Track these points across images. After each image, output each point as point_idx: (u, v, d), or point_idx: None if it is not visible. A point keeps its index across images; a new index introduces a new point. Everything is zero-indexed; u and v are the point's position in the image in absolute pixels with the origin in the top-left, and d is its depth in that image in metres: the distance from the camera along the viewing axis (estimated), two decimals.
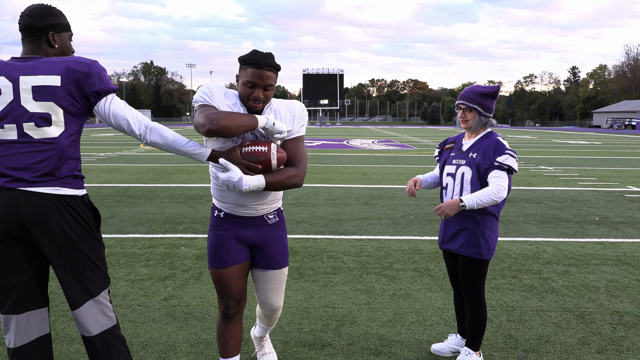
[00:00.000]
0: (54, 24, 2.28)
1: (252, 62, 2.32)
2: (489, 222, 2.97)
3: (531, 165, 15.38)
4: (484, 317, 3.04)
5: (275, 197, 2.59)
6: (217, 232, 2.58)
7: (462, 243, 2.99)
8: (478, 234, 2.95)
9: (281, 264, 2.69)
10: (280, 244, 2.67)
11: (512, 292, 4.36)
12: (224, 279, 2.57)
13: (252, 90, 2.34)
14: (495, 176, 2.87)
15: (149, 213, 7.61)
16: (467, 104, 2.98)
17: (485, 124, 3.02)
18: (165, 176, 12.09)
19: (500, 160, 2.87)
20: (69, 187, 2.19)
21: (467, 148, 3.03)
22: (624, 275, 4.86)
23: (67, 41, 2.34)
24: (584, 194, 9.88)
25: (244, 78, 2.34)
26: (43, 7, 2.27)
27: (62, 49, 2.33)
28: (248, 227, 2.57)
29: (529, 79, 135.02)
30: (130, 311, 3.89)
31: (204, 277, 4.68)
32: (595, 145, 27.25)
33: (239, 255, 2.58)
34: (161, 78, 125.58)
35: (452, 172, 3.04)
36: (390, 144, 27.23)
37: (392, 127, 73.45)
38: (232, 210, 2.55)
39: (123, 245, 5.76)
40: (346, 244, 5.91)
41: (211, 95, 2.38)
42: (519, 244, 5.99)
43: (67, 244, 2.18)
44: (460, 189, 2.98)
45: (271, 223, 2.63)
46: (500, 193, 2.83)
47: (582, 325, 3.72)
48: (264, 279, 2.69)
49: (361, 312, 3.93)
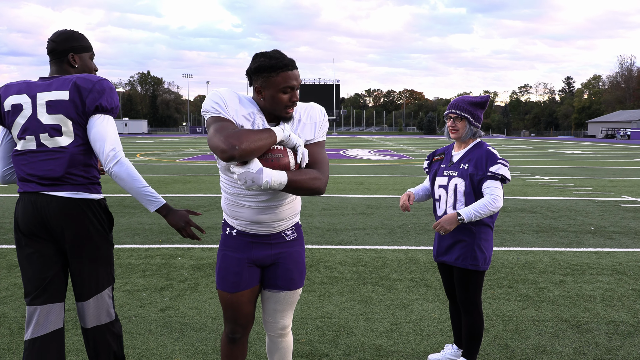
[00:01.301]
0: (74, 46, 2.51)
1: (284, 64, 2.08)
2: (484, 233, 2.98)
3: (527, 175, 15.44)
4: (481, 327, 3.04)
5: (293, 210, 2.35)
6: (228, 254, 2.34)
7: (458, 255, 2.98)
8: (474, 245, 2.95)
9: (297, 285, 2.44)
10: (299, 263, 2.42)
11: (509, 302, 4.37)
12: (233, 303, 2.36)
13: (290, 95, 2.11)
14: (490, 186, 2.89)
15: (145, 223, 7.61)
16: (458, 113, 2.98)
17: (475, 134, 3.03)
18: (161, 186, 12.08)
19: (493, 170, 2.89)
20: (87, 191, 2.43)
21: (457, 159, 3.03)
22: (619, 284, 4.88)
23: (87, 61, 2.56)
24: (579, 203, 9.92)
25: (281, 85, 2.08)
26: (65, 32, 2.52)
27: (82, 68, 2.55)
28: (262, 246, 2.33)
29: (524, 89, 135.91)
30: (126, 322, 3.88)
31: (201, 288, 4.68)
32: (591, 155, 27.39)
33: (251, 279, 2.36)
34: (158, 88, 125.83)
35: (444, 184, 3.04)
36: (386, 154, 27.30)
37: (389, 137, 73.64)
38: (245, 228, 2.30)
39: (119, 256, 5.75)
40: (343, 254, 5.92)
41: (224, 104, 2.10)
42: (515, 253, 6.01)
43: (81, 243, 2.42)
44: (453, 200, 2.98)
45: (289, 240, 2.38)
46: (497, 203, 2.85)
47: (578, 335, 3.73)
48: (276, 300, 2.43)
49: (358, 323, 3.93)
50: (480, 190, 2.92)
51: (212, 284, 4.80)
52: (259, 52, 2.14)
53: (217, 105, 2.10)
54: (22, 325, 3.80)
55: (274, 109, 2.13)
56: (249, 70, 2.14)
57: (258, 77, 2.11)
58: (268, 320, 2.50)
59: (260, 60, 2.10)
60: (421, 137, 74.67)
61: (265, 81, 2.10)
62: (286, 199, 2.28)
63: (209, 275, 5.03)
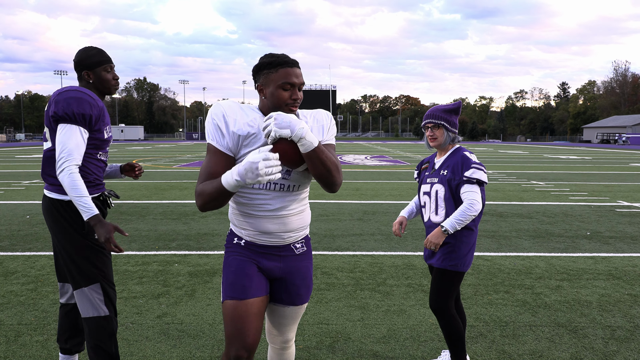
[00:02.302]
0: (86, 64, 2.78)
1: (283, 61, 2.08)
2: (465, 235, 3.04)
3: (523, 180, 15.49)
4: (457, 326, 3.05)
5: (303, 222, 2.27)
6: (239, 258, 2.23)
7: (440, 256, 3.05)
8: (455, 247, 3.02)
9: (304, 300, 2.36)
10: (306, 278, 2.34)
11: (505, 307, 4.38)
12: (243, 312, 2.13)
13: (290, 92, 2.09)
14: (467, 191, 2.96)
15: (142, 230, 7.59)
16: (435, 122, 3.08)
17: (453, 140, 3.12)
18: (158, 192, 12.07)
19: (468, 174, 2.96)
20: (57, 192, 2.74)
21: (438, 166, 3.13)
22: (615, 289, 4.89)
23: (101, 74, 2.80)
24: (575, 208, 9.96)
25: (280, 81, 2.06)
26: (79, 51, 2.81)
27: (98, 81, 2.82)
28: (272, 257, 2.24)
29: (519, 94, 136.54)
30: (123, 329, 3.87)
31: (198, 295, 4.67)
32: (586, 160, 27.50)
33: (261, 286, 2.22)
34: (154, 94, 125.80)
35: (427, 191, 3.14)
36: (383, 160, 27.34)
37: (385, 143, 73.79)
38: (254, 238, 2.21)
39: (116, 263, 5.73)
40: (340, 260, 5.92)
41: (224, 120, 2.08)
42: (511, 259, 6.03)
43: (57, 240, 2.79)
44: (435, 206, 3.08)
45: (298, 253, 2.30)
46: (475, 207, 2.92)
47: (574, 340, 3.74)
48: (281, 314, 2.35)
49: (355, 329, 3.93)
50: (459, 195, 3.00)
51: (209, 290, 4.79)
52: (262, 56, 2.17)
53: (214, 129, 2.10)
54: (19, 332, 3.79)
55: (275, 107, 2.10)
56: (253, 71, 2.16)
57: (259, 75, 2.12)
58: (272, 332, 2.44)
59: (262, 59, 2.13)
60: (417, 143, 74.81)
61: (265, 78, 2.10)
62: (295, 209, 2.22)
63: (205, 282, 5.03)
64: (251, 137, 2.09)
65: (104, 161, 2.94)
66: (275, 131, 1.95)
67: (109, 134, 2.89)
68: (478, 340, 3.73)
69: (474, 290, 4.82)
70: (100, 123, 2.75)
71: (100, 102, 2.76)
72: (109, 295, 2.84)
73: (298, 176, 2.17)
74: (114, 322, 2.85)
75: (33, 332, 3.79)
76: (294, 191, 2.19)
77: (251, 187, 2.13)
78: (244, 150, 2.09)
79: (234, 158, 2.11)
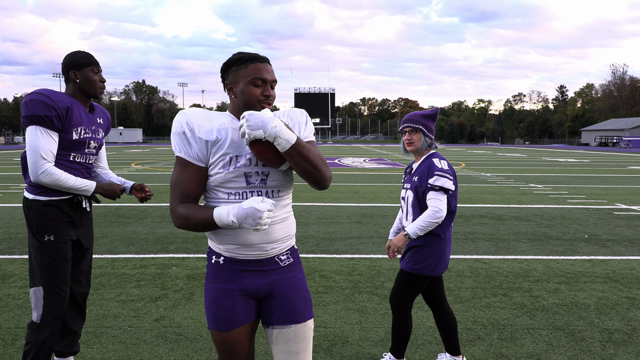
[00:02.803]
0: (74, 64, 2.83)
1: (253, 56, 1.99)
2: (432, 242, 3.10)
3: (521, 183, 15.51)
4: (408, 326, 3.20)
5: (287, 231, 2.08)
6: (217, 287, 2.04)
7: (406, 258, 3.16)
8: (421, 251, 3.10)
9: (305, 315, 2.07)
10: (300, 289, 2.09)
11: (503, 310, 4.39)
12: (229, 343, 2.02)
13: (262, 89, 1.98)
14: (431, 198, 3.01)
15: (140, 233, 7.59)
16: (413, 126, 3.15)
17: (430, 145, 3.19)
18: (157, 195, 12.06)
19: (431, 181, 3.02)
20: (28, 191, 2.83)
21: (413, 171, 3.21)
22: (613, 292, 4.90)
23: (88, 74, 2.85)
24: (573, 211, 9.97)
25: (250, 76, 1.96)
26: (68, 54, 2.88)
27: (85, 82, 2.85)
28: (255, 274, 2.04)
29: (517, 97, 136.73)
30: (121, 332, 3.87)
31: (196, 298, 4.67)
32: (584, 163, 27.54)
33: (247, 312, 2.05)
34: (153, 97, 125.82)
35: (403, 196, 3.25)
36: (381, 162, 27.35)
37: (384, 146, 73.77)
38: (234, 253, 2.02)
39: (114, 266, 5.73)
40: (338, 263, 5.92)
41: (189, 130, 1.96)
42: (509, 262, 6.04)
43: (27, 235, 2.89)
44: (406, 211, 3.18)
45: (284, 265, 2.09)
46: (437, 214, 2.96)
47: (572, 343, 3.74)
48: (285, 339, 2.04)
49: (353, 332, 3.93)
50: (425, 202, 3.06)
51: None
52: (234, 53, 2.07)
53: (179, 138, 1.97)
54: (17, 336, 3.78)
55: (247, 104, 1.97)
56: (220, 71, 2.06)
57: (229, 73, 2.02)
58: None
59: (231, 57, 2.03)
60: None
61: (235, 75, 1.99)
62: (278, 217, 2.03)
63: (203, 285, 5.02)
64: (219, 142, 1.96)
65: (81, 163, 2.91)
66: (248, 133, 1.84)
67: (82, 135, 2.83)
68: (476, 343, 3.73)
69: (472, 294, 4.82)
70: (67, 124, 2.74)
71: (65, 103, 2.72)
72: (49, 302, 2.79)
73: (277, 179, 2.03)
74: (43, 331, 2.78)
75: None
76: (274, 197, 2.03)
77: (227, 196, 1.98)
78: (213, 158, 1.96)
79: (206, 168, 1.98)
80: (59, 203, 2.82)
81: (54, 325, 2.81)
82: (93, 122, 2.94)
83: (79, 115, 2.80)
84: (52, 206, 2.79)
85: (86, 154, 2.92)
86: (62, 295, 2.83)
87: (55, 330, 2.82)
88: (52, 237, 2.80)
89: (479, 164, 26.20)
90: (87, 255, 3.08)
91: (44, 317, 2.79)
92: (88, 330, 3.89)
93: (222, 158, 1.96)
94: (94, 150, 2.99)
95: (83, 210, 2.94)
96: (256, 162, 1.99)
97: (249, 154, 1.97)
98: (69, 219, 2.87)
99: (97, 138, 2.98)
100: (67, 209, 2.86)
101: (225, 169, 1.95)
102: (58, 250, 2.81)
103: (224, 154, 1.96)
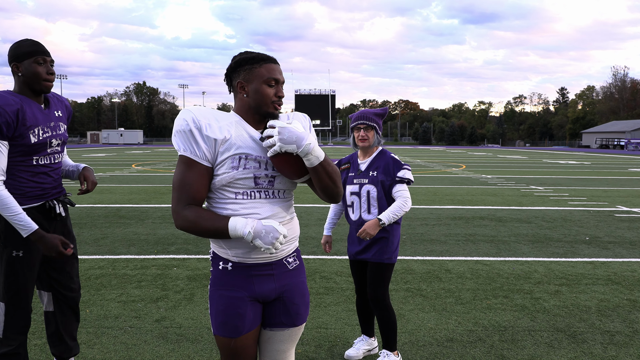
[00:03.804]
0: (14, 55, 2.53)
1: (267, 57, 1.96)
2: (396, 229, 3.33)
3: (522, 185, 15.50)
4: (393, 315, 3.33)
5: (293, 231, 2.07)
6: (226, 294, 1.97)
7: (375, 251, 3.29)
8: (388, 241, 3.29)
9: (303, 319, 2.12)
10: (305, 295, 2.12)
11: (504, 312, 4.38)
12: (237, 349, 2.00)
13: (275, 89, 1.96)
14: (399, 190, 3.25)
15: (141, 234, 7.59)
16: (368, 123, 3.29)
17: (379, 142, 3.37)
18: (157, 196, 12.06)
19: (400, 175, 3.26)
20: None
21: (365, 167, 3.35)
22: (614, 295, 4.89)
23: (31, 66, 2.53)
24: (574, 213, 9.96)
25: (265, 76, 1.93)
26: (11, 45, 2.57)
27: (28, 75, 2.54)
28: (265, 278, 2.00)
29: (518, 99, 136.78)
30: (122, 333, 3.87)
31: (196, 299, 4.66)
32: (585, 165, 27.54)
33: (255, 318, 2.03)
34: (153, 98, 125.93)
35: (356, 191, 3.34)
36: None
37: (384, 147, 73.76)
38: (243, 258, 1.97)
39: (115, 267, 5.73)
40: (338, 264, 5.92)
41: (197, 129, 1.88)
42: (510, 263, 6.03)
43: None
44: (367, 205, 3.30)
45: (292, 268, 2.08)
46: (407, 204, 3.23)
47: (573, 345, 3.74)
48: (279, 339, 2.08)
49: (354, 333, 3.93)
50: (391, 194, 3.27)
51: (208, 295, 4.78)
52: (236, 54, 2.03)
53: (185, 137, 1.89)
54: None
55: (260, 104, 1.95)
56: (229, 68, 2.00)
57: (240, 72, 1.96)
58: None
59: (241, 55, 1.99)
60: (417, 147, 74.90)
61: (248, 73, 1.94)
62: (285, 218, 2.02)
63: (204, 286, 5.02)
64: (228, 141, 1.90)
65: (47, 165, 2.67)
66: (279, 146, 1.83)
67: (42, 136, 2.58)
68: (477, 345, 3.72)
69: (472, 295, 4.82)
70: (21, 128, 2.47)
71: (13, 106, 2.45)
72: (11, 318, 2.64)
73: (284, 180, 2.00)
74: (4, 345, 2.65)
75: (31, 336, 3.78)
76: (280, 197, 2.01)
77: (234, 196, 1.93)
78: (221, 157, 1.90)
79: (212, 168, 1.91)
80: (29, 212, 2.59)
81: (17, 339, 2.68)
82: (51, 117, 2.65)
83: (33, 115, 2.53)
84: None
85: (49, 154, 2.67)
86: (25, 311, 2.69)
87: (20, 345, 2.70)
88: (20, 252, 2.60)
89: (480, 166, 26.20)
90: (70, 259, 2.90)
91: (5, 332, 2.64)
92: (89, 330, 3.89)
93: (231, 158, 1.90)
94: (58, 148, 2.73)
95: (57, 215, 2.74)
96: (265, 164, 1.95)
97: (258, 155, 1.94)
98: (42, 230, 2.62)
99: (59, 134, 2.70)
100: (39, 217, 2.64)
101: (234, 169, 1.90)
102: (25, 267, 2.62)
103: (233, 154, 1.90)
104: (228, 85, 2.04)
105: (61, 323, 2.95)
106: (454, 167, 24.92)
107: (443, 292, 4.93)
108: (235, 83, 1.98)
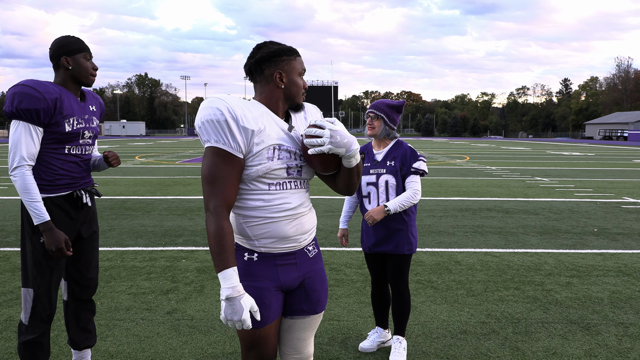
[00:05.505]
0: (65, 50, 2.67)
1: (295, 50, 2.02)
2: (414, 220, 3.35)
3: (527, 177, 15.45)
4: (408, 304, 3.37)
5: (313, 221, 2.11)
6: (251, 284, 1.96)
7: (395, 243, 3.27)
8: (408, 232, 3.29)
9: (324, 306, 2.16)
10: (324, 282, 2.15)
11: (517, 304, 4.36)
12: (261, 339, 2.01)
13: (303, 82, 2.04)
14: (411, 181, 3.24)
15: (148, 225, 7.58)
16: (376, 113, 3.27)
17: (389, 135, 3.31)
18: (162, 188, 12.05)
19: (416, 166, 3.24)
20: None
21: (382, 157, 3.32)
22: (626, 286, 4.87)
23: (80, 60, 2.69)
24: (581, 205, 9.93)
25: (300, 68, 2.01)
26: (56, 39, 2.71)
27: (77, 68, 2.69)
28: (289, 267, 2.03)
29: (521, 90, 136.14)
30: (134, 325, 3.86)
31: (207, 291, 4.65)
32: (589, 157, 27.44)
33: (278, 307, 2.04)
34: (155, 90, 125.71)
35: (373, 181, 3.31)
36: None
37: None
38: (269, 248, 1.98)
39: (123, 258, 5.72)
40: (347, 256, 5.90)
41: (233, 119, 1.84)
42: (519, 255, 6.00)
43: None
44: (386, 195, 3.28)
45: (312, 257, 2.11)
46: (417, 196, 3.22)
47: (588, 337, 3.72)
48: (301, 327, 2.11)
49: (367, 325, 3.91)
50: (404, 184, 3.26)
51: (218, 286, 4.76)
52: (260, 43, 2.01)
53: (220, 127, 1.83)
54: None
55: (295, 95, 2.00)
56: (260, 58, 1.95)
57: (277, 61, 1.95)
58: (288, 352, 2.14)
59: (273, 46, 1.97)
60: (419, 139, 74.74)
61: (287, 65, 1.96)
62: (307, 206, 2.06)
63: (214, 278, 5.01)
64: (262, 132, 1.88)
65: (78, 155, 2.75)
66: (329, 149, 1.87)
67: (76, 126, 2.68)
68: (491, 337, 3.71)
69: (484, 287, 4.80)
70: (58, 116, 2.58)
71: (53, 94, 2.56)
72: (38, 305, 2.69)
73: (308, 170, 2.04)
74: (29, 333, 2.71)
75: None
76: (304, 187, 2.05)
77: (268, 187, 1.92)
78: (257, 148, 1.87)
79: (244, 159, 1.88)
80: (57, 200, 2.66)
81: (41, 327, 2.72)
82: (85, 110, 2.76)
83: (70, 106, 2.65)
84: (49, 205, 2.63)
85: (81, 145, 2.76)
86: (52, 299, 2.73)
87: (44, 334, 2.74)
88: None
89: (484, 157, 26.13)
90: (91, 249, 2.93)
91: (31, 320, 2.70)
92: (101, 322, 3.88)
93: (266, 149, 1.89)
94: (90, 141, 2.81)
95: (84, 205, 2.78)
96: (294, 154, 1.97)
97: (289, 146, 1.96)
98: (68, 218, 2.71)
99: (91, 127, 2.80)
100: (66, 205, 2.71)
101: (269, 160, 1.89)
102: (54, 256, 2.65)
103: (268, 145, 1.89)
104: (253, 74, 2.00)
105: (78, 315, 2.97)
106: (457, 159, 24.86)
107: (454, 283, 4.91)
108: (272, 72, 1.96)
